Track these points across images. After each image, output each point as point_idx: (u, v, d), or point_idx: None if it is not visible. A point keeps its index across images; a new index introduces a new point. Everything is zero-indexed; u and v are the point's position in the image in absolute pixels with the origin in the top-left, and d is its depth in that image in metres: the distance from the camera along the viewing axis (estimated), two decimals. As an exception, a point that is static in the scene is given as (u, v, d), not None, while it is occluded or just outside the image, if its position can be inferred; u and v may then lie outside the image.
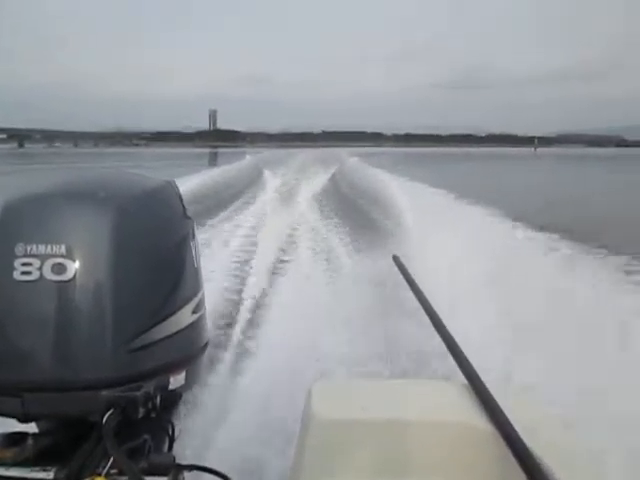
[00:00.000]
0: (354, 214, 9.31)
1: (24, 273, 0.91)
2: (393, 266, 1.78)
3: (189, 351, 1.11)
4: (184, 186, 9.36)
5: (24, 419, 0.93)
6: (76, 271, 0.92)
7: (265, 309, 4.09)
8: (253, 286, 4.79)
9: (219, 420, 2.13)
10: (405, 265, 1.66)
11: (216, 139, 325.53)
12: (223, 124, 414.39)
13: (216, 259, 5.48)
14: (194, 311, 1.11)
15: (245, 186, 14.44)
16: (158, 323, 1.00)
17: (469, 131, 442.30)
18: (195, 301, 1.13)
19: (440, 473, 0.98)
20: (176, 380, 1.04)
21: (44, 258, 0.92)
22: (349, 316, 3.58)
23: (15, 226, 0.97)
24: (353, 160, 24.18)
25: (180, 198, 1.20)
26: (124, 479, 0.82)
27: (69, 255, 0.93)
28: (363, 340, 3.22)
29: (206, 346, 1.20)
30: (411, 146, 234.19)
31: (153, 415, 0.92)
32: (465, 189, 10.13)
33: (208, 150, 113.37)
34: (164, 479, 0.86)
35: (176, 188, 1.21)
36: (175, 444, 1.08)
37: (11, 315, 0.93)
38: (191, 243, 1.16)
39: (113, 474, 0.83)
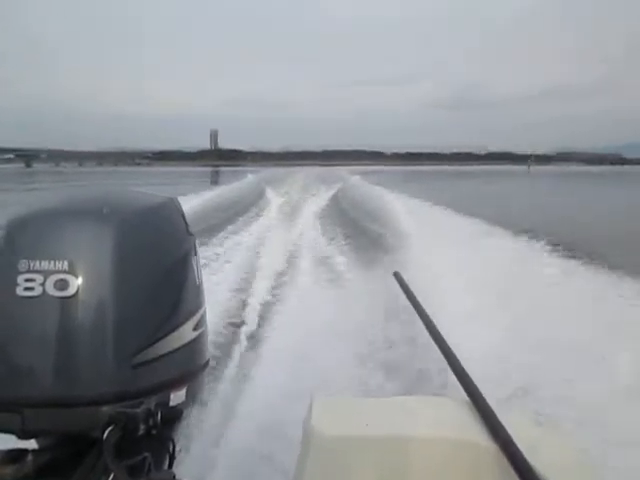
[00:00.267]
0: (358, 234, 9.44)
1: (27, 289, 0.92)
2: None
3: (190, 368, 1.11)
4: (191, 203, 9.57)
5: (24, 435, 0.92)
6: (78, 287, 0.93)
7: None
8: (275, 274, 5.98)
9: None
10: (406, 281, 1.65)
11: (217, 158, 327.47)
12: (224, 143, 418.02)
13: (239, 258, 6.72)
14: (195, 328, 1.12)
15: (247, 206, 14.38)
16: (160, 339, 1.00)
17: (469, 150, 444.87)
18: (197, 317, 1.13)
19: None
20: (177, 397, 1.04)
21: (47, 274, 0.92)
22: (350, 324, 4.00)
23: (19, 242, 0.98)
24: (355, 178, 24.41)
25: (182, 215, 1.20)
26: None
27: (72, 271, 0.93)
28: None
29: (207, 363, 1.20)
30: (411, 164, 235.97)
31: (154, 432, 0.91)
32: (457, 203, 12.58)
33: (210, 169, 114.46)
34: None
35: (178, 205, 1.22)
36: (175, 461, 1.07)
37: (13, 330, 0.94)
38: (193, 260, 1.16)
39: None
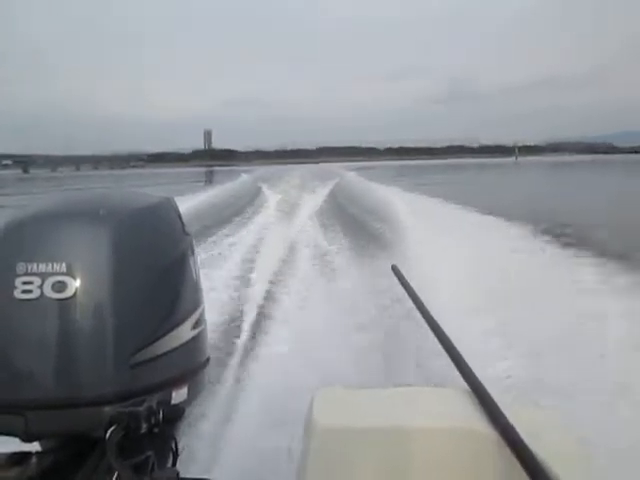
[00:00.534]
0: (356, 228, 9.87)
1: (25, 292, 0.92)
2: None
3: (191, 366, 1.12)
4: (190, 203, 10.13)
5: (27, 438, 0.92)
6: (77, 289, 0.93)
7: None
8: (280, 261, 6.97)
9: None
10: (404, 274, 1.66)
11: (212, 158, 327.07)
12: (218, 144, 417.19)
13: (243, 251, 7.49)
14: (194, 326, 1.12)
15: (242, 207, 14.36)
16: (159, 338, 1.00)
17: (462, 143, 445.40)
18: (195, 316, 1.13)
19: (443, 479, 0.97)
20: (178, 395, 1.04)
21: (45, 276, 0.92)
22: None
23: (16, 245, 0.98)
24: (351, 175, 24.62)
25: (179, 214, 1.20)
26: None
27: (70, 273, 0.93)
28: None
29: (208, 360, 1.20)
30: (404, 159, 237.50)
31: (156, 430, 0.91)
32: (446, 193, 14.83)
33: (203, 169, 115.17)
34: None
35: (174, 204, 1.22)
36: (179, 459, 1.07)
37: (12, 334, 0.93)
38: (190, 259, 1.16)
39: None
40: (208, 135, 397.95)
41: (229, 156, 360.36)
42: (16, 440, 0.93)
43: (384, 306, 4.81)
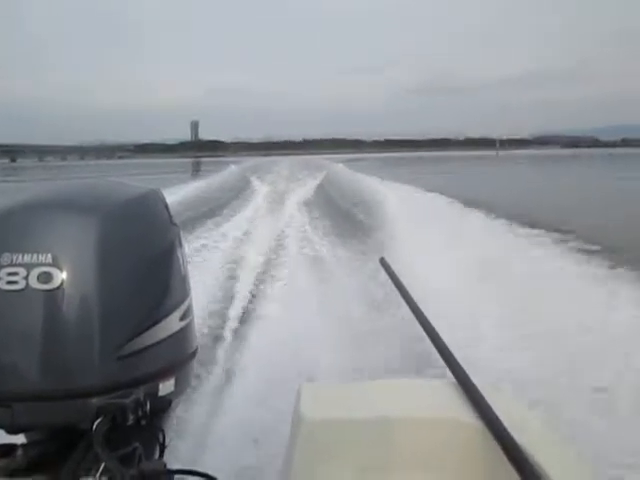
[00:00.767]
0: (345, 218, 10.51)
1: (10, 282, 0.91)
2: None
3: (178, 358, 1.11)
4: (183, 192, 10.79)
5: (13, 430, 0.91)
6: (63, 280, 0.92)
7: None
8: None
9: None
10: (392, 267, 1.67)
11: (199, 149, 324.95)
12: (205, 135, 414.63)
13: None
14: (182, 318, 1.11)
15: (232, 198, 14.46)
16: (146, 330, 1.00)
17: (448, 136, 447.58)
18: (183, 308, 1.12)
19: (430, 470, 0.99)
20: (165, 387, 1.04)
21: (30, 267, 0.91)
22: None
23: (1, 235, 0.96)
24: (339, 167, 24.85)
25: (166, 205, 1.20)
26: None
27: (55, 264, 0.92)
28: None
29: (195, 352, 1.20)
30: (391, 151, 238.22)
31: (143, 422, 0.91)
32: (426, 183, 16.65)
33: (191, 160, 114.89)
34: None
35: (161, 195, 1.21)
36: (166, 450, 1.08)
37: None
38: (178, 250, 1.16)
39: None
40: (195, 126, 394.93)
41: (216, 147, 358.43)
42: (1, 432, 0.92)
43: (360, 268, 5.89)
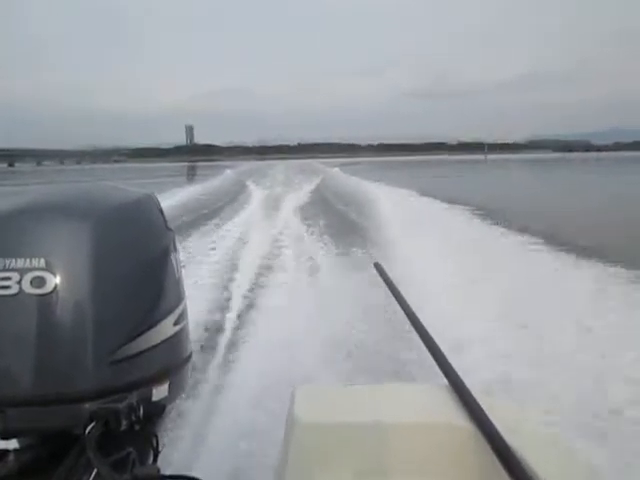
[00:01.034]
0: (340, 217, 11.71)
1: (3, 287, 0.90)
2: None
3: (172, 362, 1.10)
4: (190, 195, 13.94)
5: (5, 435, 0.90)
6: (56, 284, 0.91)
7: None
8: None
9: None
10: (386, 271, 1.65)
11: (194, 153, 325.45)
12: (200, 139, 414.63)
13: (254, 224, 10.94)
14: (176, 322, 1.11)
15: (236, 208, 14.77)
16: (140, 335, 0.99)
17: (441, 140, 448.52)
18: (177, 312, 1.12)
19: (423, 474, 1.00)
20: (159, 392, 1.03)
21: (23, 272, 0.90)
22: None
23: None
24: (335, 171, 26.32)
25: (160, 210, 1.19)
26: None
27: (49, 268, 0.91)
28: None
29: (189, 357, 1.19)
30: (385, 155, 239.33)
31: (137, 427, 0.91)
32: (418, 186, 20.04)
33: (186, 164, 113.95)
34: None
35: (156, 200, 1.20)
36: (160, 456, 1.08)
37: None
38: (172, 254, 1.15)
39: None
40: (190, 130, 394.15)
41: (210, 151, 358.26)
42: None
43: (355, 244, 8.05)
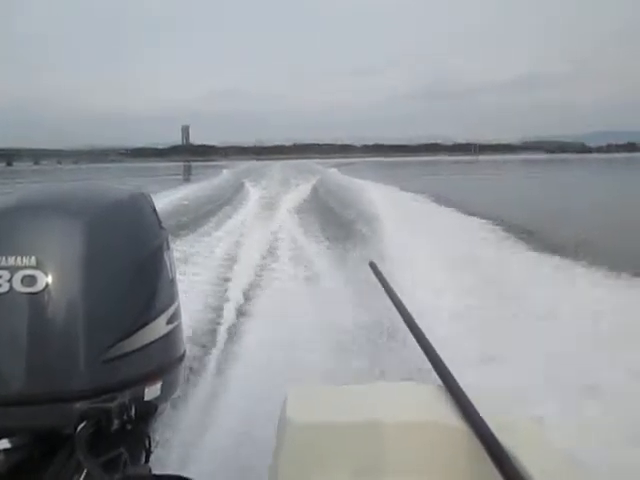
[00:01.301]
0: (335, 216, 12.00)
1: None
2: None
3: (164, 362, 1.09)
4: (194, 195, 14.18)
5: None
6: (47, 283, 0.90)
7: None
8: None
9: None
10: (381, 271, 1.65)
11: (190, 154, 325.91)
12: (196, 139, 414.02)
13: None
14: (169, 322, 1.10)
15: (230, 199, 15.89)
16: (132, 334, 0.99)
17: (437, 141, 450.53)
18: (170, 311, 1.11)
19: (416, 473, 1.00)
20: (151, 391, 1.02)
21: (14, 270, 0.90)
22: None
23: None
24: (332, 171, 27.30)
25: (154, 209, 1.18)
26: None
27: (40, 267, 0.91)
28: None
29: (182, 357, 1.18)
30: (380, 156, 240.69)
31: (129, 427, 0.90)
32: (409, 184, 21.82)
33: (182, 164, 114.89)
34: None
35: (150, 199, 1.20)
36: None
37: None
38: (165, 254, 1.15)
39: None
40: (186, 130, 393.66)
41: (207, 151, 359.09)
42: None
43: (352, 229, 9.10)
